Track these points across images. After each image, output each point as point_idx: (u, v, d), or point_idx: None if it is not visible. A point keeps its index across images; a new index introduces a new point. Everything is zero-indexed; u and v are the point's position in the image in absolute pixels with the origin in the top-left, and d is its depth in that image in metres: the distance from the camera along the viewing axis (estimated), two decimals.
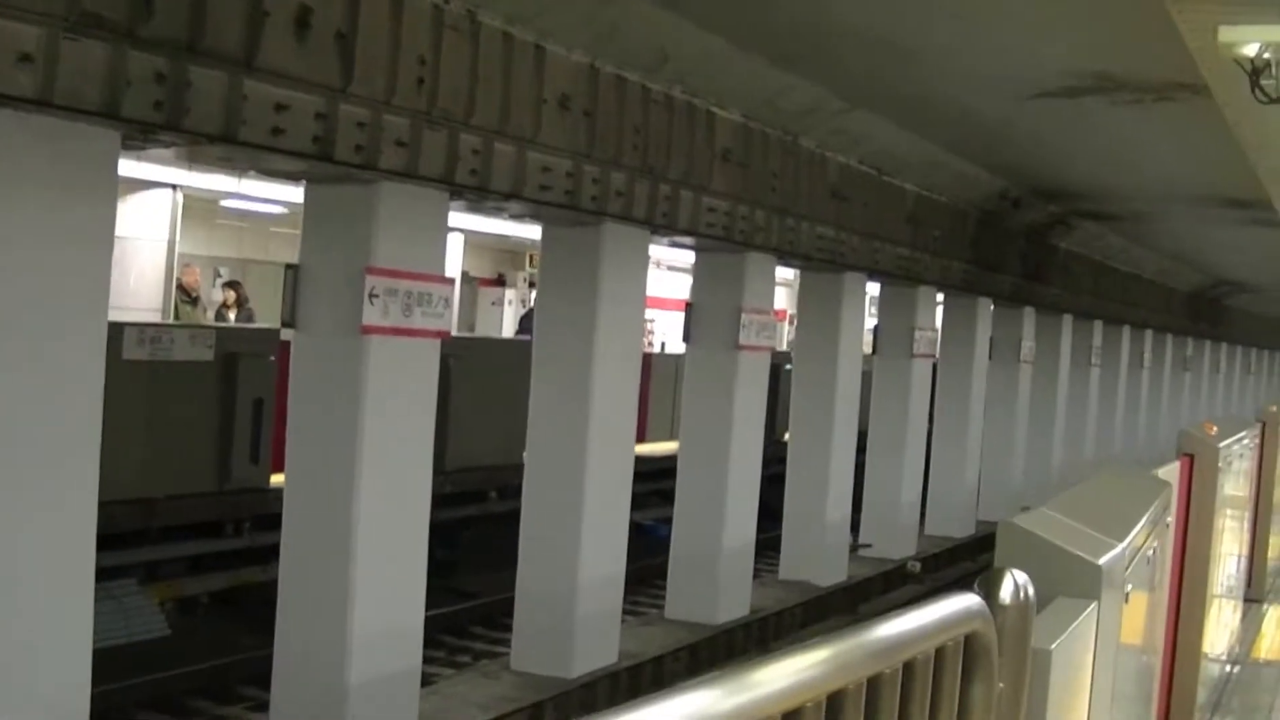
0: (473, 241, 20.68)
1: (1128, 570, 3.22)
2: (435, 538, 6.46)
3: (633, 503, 7.89)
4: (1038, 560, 2.70)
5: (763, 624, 9.19)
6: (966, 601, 2.12)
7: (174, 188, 14.76)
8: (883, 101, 9.02)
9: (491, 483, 11.17)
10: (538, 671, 7.24)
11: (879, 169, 10.19)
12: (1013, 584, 2.27)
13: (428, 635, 6.53)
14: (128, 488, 7.99)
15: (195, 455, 8.82)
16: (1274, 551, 9.85)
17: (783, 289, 23.49)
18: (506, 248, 23.83)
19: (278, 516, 6.06)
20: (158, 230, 14.82)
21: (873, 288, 11.74)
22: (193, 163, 12.91)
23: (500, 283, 24.91)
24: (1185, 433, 6.49)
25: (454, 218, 6.83)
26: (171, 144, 5.01)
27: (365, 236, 5.73)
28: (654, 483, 11.44)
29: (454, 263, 18.48)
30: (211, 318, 14.72)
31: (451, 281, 6.48)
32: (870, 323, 12.19)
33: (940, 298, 12.79)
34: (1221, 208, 12.85)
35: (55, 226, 4.46)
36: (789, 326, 23.53)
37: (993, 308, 13.92)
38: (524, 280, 23.96)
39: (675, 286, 22.00)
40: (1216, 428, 6.70)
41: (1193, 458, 6.13)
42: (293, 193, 12.83)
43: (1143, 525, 3.59)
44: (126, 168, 9.02)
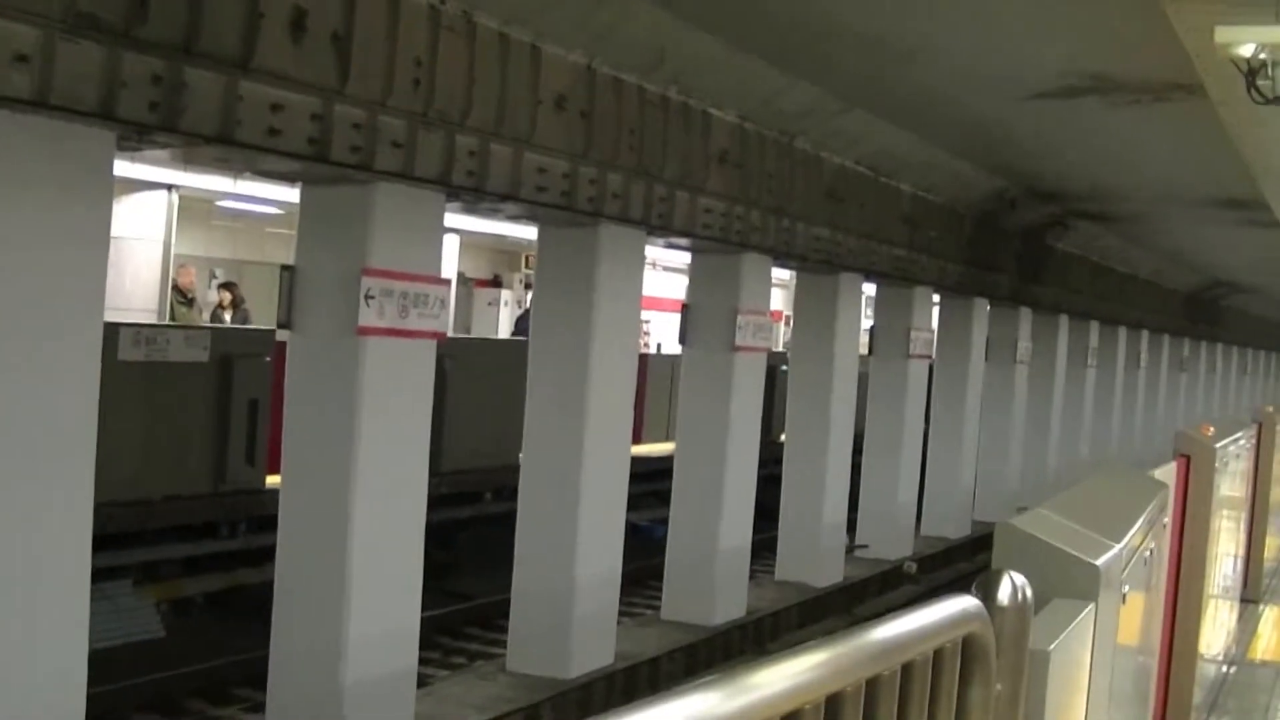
0: (468, 242, 20.63)
1: (1125, 571, 3.22)
2: (431, 539, 6.45)
3: (629, 503, 7.89)
4: (1035, 561, 2.70)
5: (759, 625, 9.19)
6: (964, 603, 2.11)
7: (170, 188, 14.72)
8: (879, 102, 9.02)
9: (487, 484, 11.16)
10: (534, 672, 7.23)
11: (875, 170, 10.18)
12: (1010, 585, 2.27)
13: (424, 636, 6.52)
14: (123, 489, 7.99)
15: (191, 456, 8.82)
16: (1270, 552, 9.86)
17: (779, 290, 23.49)
18: (502, 248, 23.81)
19: (273, 517, 6.05)
20: (153, 231, 14.76)
21: (869, 288, 11.76)
22: (188, 163, 12.88)
23: (496, 284, 24.88)
24: (1182, 433, 6.48)
25: (450, 218, 6.82)
26: (167, 145, 5.01)
27: (361, 237, 5.72)
28: (650, 483, 11.44)
29: (449, 264, 18.48)
30: (207, 319, 14.71)
31: (448, 282, 6.47)
32: (866, 323, 12.20)
33: (936, 298, 12.78)
34: (1218, 208, 12.86)
35: (51, 227, 4.45)
36: (785, 327, 23.51)
37: (989, 308, 13.93)
38: (520, 281, 23.94)
39: (671, 287, 22.01)
40: (1213, 428, 6.70)
41: (1189, 458, 6.12)
42: (288, 194, 12.81)
43: (1139, 526, 3.59)
44: (122, 168, 9.04)
